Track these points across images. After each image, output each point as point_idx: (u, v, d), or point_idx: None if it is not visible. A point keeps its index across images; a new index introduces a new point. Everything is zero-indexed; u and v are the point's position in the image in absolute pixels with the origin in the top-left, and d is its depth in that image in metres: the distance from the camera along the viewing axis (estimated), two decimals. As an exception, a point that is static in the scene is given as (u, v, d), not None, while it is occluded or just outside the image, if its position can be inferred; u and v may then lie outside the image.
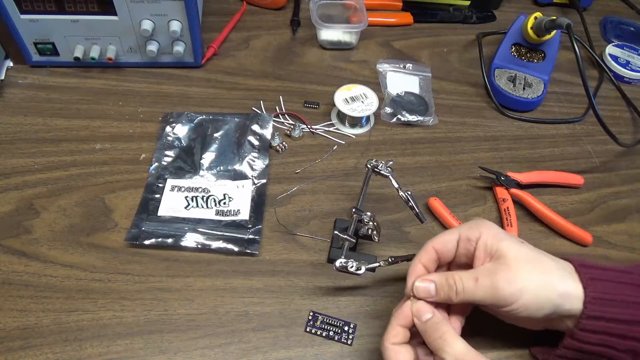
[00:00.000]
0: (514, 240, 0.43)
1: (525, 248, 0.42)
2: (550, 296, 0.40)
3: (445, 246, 0.44)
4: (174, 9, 0.63)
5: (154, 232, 0.53)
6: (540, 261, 0.42)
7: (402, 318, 0.42)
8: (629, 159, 0.69)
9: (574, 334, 0.41)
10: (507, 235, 0.43)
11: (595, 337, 0.41)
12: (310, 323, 0.49)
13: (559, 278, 0.41)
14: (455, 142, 0.67)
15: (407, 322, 0.42)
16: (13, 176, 0.57)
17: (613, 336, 0.40)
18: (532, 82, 0.74)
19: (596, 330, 0.40)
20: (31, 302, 0.48)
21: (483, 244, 0.42)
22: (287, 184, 0.60)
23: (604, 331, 0.40)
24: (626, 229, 0.61)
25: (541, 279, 0.41)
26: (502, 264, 0.41)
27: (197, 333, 0.48)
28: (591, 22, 0.88)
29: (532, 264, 0.41)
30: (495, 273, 0.40)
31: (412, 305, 0.42)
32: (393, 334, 0.41)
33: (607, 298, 0.40)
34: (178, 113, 0.64)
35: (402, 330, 0.42)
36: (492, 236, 0.42)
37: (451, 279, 0.41)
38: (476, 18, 0.87)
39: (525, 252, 0.42)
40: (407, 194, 0.52)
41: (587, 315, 0.40)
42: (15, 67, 0.69)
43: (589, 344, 0.41)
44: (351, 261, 0.48)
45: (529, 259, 0.41)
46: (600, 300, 0.40)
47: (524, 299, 0.40)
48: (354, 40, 0.78)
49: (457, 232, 0.44)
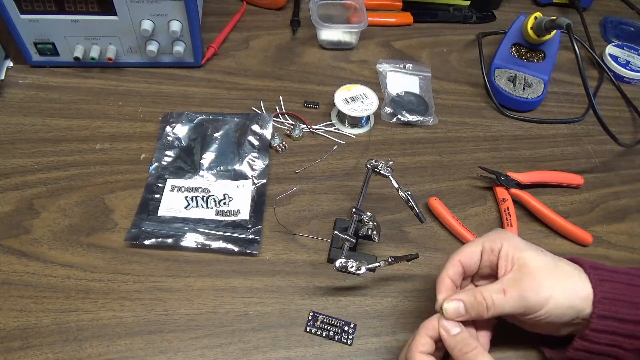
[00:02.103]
0: (534, 249, 0.43)
1: (544, 256, 0.43)
2: (574, 302, 0.41)
3: (470, 259, 0.45)
4: (174, 9, 0.63)
5: (154, 232, 0.53)
6: (562, 267, 0.43)
7: (430, 329, 0.42)
8: (629, 159, 0.69)
9: (583, 335, 0.41)
10: (527, 245, 0.44)
11: (604, 337, 0.41)
12: (310, 323, 0.49)
13: (580, 282, 0.42)
14: (455, 142, 0.67)
15: (435, 334, 0.42)
16: (13, 176, 0.57)
17: (622, 336, 0.41)
18: (532, 82, 0.74)
19: (605, 330, 0.41)
20: (31, 302, 0.48)
21: (505, 254, 0.43)
22: (287, 184, 0.60)
23: (613, 331, 0.41)
24: (626, 229, 0.61)
25: (564, 286, 0.41)
26: (525, 273, 0.41)
27: (197, 333, 0.48)
28: (591, 22, 0.88)
29: (554, 272, 0.42)
30: (520, 282, 0.41)
31: (441, 320, 0.42)
32: (422, 342, 0.42)
33: (616, 298, 0.41)
34: (178, 113, 0.64)
35: (430, 341, 0.42)
36: (514, 246, 0.43)
37: (479, 295, 0.42)
38: (476, 18, 0.87)
39: (546, 261, 0.43)
40: (407, 194, 0.52)
41: (596, 315, 0.40)
42: (15, 67, 0.69)
43: (598, 344, 0.41)
44: (351, 261, 0.48)
45: (550, 266, 0.42)
46: (608, 300, 0.41)
47: (549, 306, 0.40)
48: (354, 40, 0.78)
49: (480, 244, 0.45)
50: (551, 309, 0.40)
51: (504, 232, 0.46)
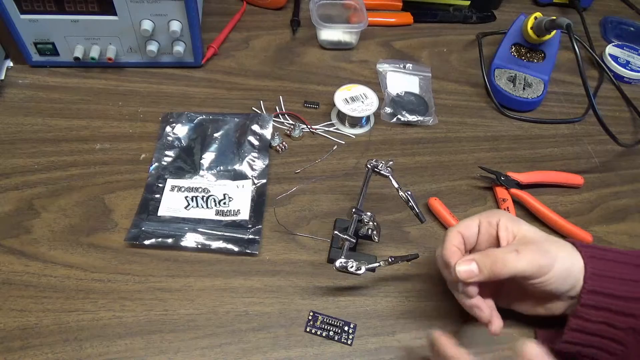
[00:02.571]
0: (531, 226, 0.46)
1: (540, 231, 0.46)
2: (572, 270, 0.43)
3: (469, 230, 0.46)
4: (174, 9, 0.63)
5: (154, 232, 0.53)
6: (557, 241, 0.45)
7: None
8: (629, 159, 0.69)
9: (576, 312, 0.43)
10: (523, 221, 0.46)
11: (596, 314, 0.42)
12: (310, 323, 0.49)
13: (575, 255, 0.44)
14: (455, 142, 0.67)
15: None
16: (13, 176, 0.57)
17: (613, 312, 0.42)
18: (532, 82, 0.74)
19: (596, 306, 0.42)
20: (31, 302, 0.48)
21: (504, 226, 0.45)
22: (287, 184, 0.60)
23: (604, 307, 0.42)
24: (626, 229, 0.61)
25: (564, 253, 0.43)
26: (529, 241, 0.44)
27: (197, 333, 0.48)
28: (591, 22, 0.88)
29: (553, 242, 0.44)
30: (530, 245, 0.43)
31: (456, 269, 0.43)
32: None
33: (606, 275, 0.42)
34: (178, 113, 0.64)
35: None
36: (511, 220, 0.45)
37: (492, 254, 0.43)
38: (476, 18, 0.87)
39: (542, 234, 0.45)
40: (407, 194, 0.52)
41: (586, 290, 0.42)
42: (15, 67, 0.69)
43: (590, 321, 0.42)
44: (351, 261, 0.48)
45: (549, 238, 0.45)
46: (598, 276, 0.42)
47: (555, 268, 0.42)
48: (354, 40, 0.78)
49: (477, 218, 0.47)
50: (556, 272, 0.42)
51: (498, 210, 0.48)
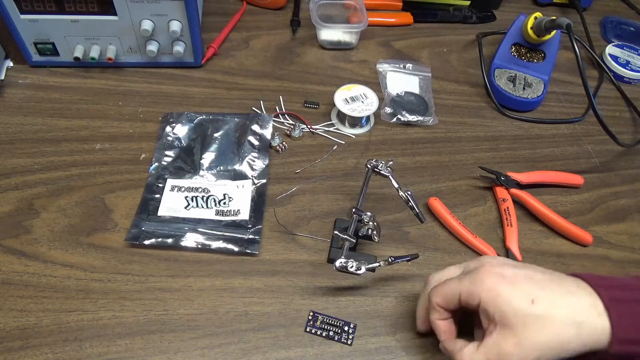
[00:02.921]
0: (518, 295, 0.39)
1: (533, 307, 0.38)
2: (569, 350, 0.38)
3: (448, 303, 0.43)
4: (174, 9, 0.63)
5: (154, 232, 0.53)
6: (551, 318, 0.38)
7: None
8: (629, 159, 0.69)
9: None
10: (510, 290, 0.39)
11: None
12: (310, 323, 0.49)
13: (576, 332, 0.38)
14: (455, 142, 0.67)
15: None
16: (13, 176, 0.57)
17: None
18: (532, 82, 0.74)
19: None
20: (31, 302, 0.48)
21: (484, 309, 0.40)
22: (287, 184, 0.60)
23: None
24: (626, 229, 0.61)
25: (553, 339, 0.38)
26: (508, 331, 0.38)
27: (197, 333, 0.48)
28: (591, 22, 0.88)
29: (542, 324, 0.38)
30: (503, 346, 0.38)
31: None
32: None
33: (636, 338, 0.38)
34: (178, 113, 0.64)
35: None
36: (493, 300, 0.39)
37: (457, 347, 0.42)
38: (476, 18, 0.87)
39: (531, 311, 0.38)
40: (407, 194, 0.52)
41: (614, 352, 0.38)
42: (15, 67, 0.69)
43: None
44: (351, 261, 0.48)
45: (536, 318, 0.38)
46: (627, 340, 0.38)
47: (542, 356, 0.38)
48: (354, 40, 0.78)
49: (458, 289, 0.42)
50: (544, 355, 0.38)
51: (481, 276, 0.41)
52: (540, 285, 0.40)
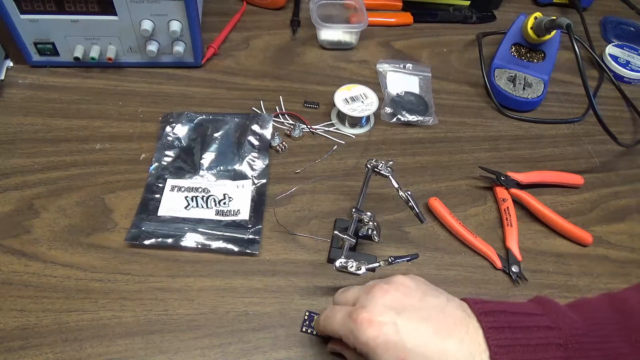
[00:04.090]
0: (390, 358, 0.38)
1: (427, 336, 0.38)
2: None
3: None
4: (174, 9, 0.63)
5: (154, 232, 0.53)
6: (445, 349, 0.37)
7: None
8: (629, 159, 0.69)
9: None
10: (383, 352, 0.38)
11: None
12: (306, 323, 0.49)
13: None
14: (455, 142, 0.67)
15: None
16: (13, 176, 0.57)
17: None
18: (532, 82, 0.74)
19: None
20: (31, 302, 0.48)
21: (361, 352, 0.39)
22: (287, 184, 0.60)
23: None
24: (626, 229, 0.61)
25: None
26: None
27: (197, 333, 0.48)
28: (591, 22, 0.88)
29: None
30: None
31: None
32: None
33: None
34: (178, 113, 0.64)
35: None
36: (367, 353, 0.39)
37: None
38: (476, 18, 0.87)
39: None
40: (407, 194, 0.52)
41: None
42: (15, 67, 0.69)
43: None
44: (351, 261, 0.48)
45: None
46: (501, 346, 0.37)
47: None
48: (354, 40, 0.78)
49: (339, 331, 0.41)
50: None
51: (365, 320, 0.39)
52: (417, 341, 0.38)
